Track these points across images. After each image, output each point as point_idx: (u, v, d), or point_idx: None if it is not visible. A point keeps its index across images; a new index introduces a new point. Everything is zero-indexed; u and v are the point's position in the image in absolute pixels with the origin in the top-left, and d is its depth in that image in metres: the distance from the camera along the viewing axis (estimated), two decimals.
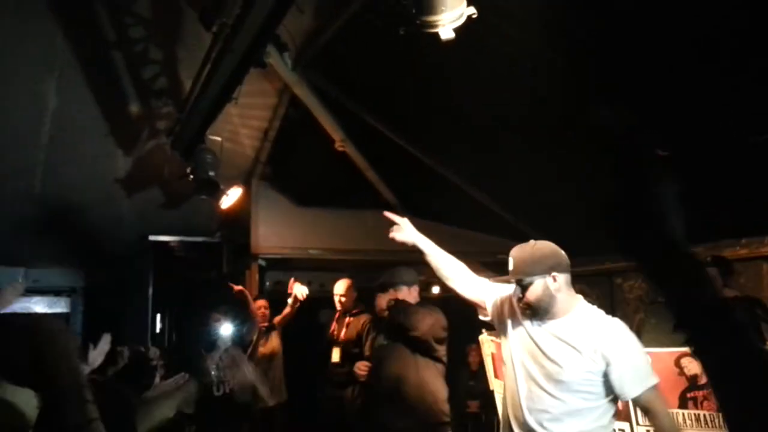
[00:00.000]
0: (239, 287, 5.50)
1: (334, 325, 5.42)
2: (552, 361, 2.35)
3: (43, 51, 4.69)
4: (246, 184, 6.29)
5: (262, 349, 5.44)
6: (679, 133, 4.11)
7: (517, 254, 2.46)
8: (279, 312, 5.72)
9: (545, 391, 2.35)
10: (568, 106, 4.24)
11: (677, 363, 3.09)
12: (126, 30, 4.67)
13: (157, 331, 6.76)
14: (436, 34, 2.46)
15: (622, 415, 3.09)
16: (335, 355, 5.26)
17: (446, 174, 6.01)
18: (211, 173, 4.96)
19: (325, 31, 4.60)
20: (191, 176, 5.14)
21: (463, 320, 3.75)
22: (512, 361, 2.50)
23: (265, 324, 5.53)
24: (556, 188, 5.46)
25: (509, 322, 2.57)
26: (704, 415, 2.98)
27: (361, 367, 4.04)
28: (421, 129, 5.67)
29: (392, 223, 2.87)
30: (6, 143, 5.26)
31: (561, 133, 4.62)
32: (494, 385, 4.62)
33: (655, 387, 2.31)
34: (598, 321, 2.42)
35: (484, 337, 4.81)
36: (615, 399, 2.38)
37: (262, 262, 6.68)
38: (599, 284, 6.10)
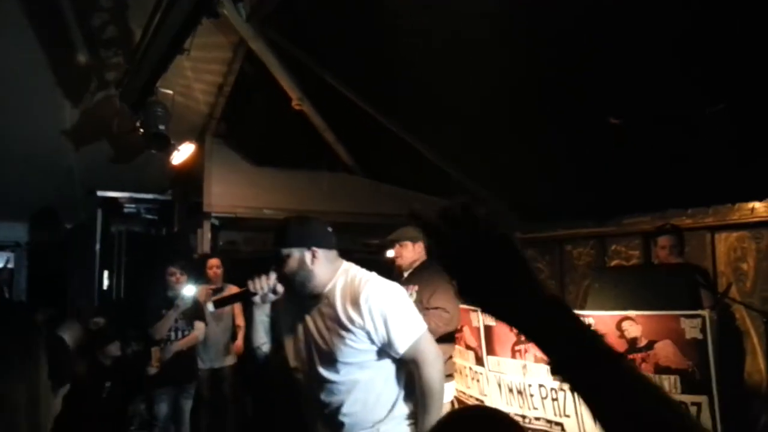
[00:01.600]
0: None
1: None
2: (323, 340, 2.29)
3: None
4: (199, 140, 6.14)
5: None
6: (631, 103, 4.17)
7: (282, 227, 2.39)
8: (231, 272, 5.65)
9: (325, 370, 2.28)
10: (530, 72, 4.23)
11: (618, 326, 3.18)
12: None
13: (104, 288, 6.62)
14: None
15: None
16: None
17: (405, 137, 5.97)
18: (161, 127, 4.80)
19: None
20: (141, 130, 4.98)
21: None
22: (297, 356, 2.43)
23: (218, 285, 5.45)
24: (515, 155, 5.48)
25: (287, 323, 2.49)
26: None
27: None
28: (381, 91, 5.59)
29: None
30: None
31: (521, 99, 4.62)
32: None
33: (422, 337, 2.25)
34: (353, 286, 2.30)
35: None
36: (396, 360, 2.29)
37: (215, 221, 6.57)
38: (549, 251, 6.21)
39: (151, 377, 4.74)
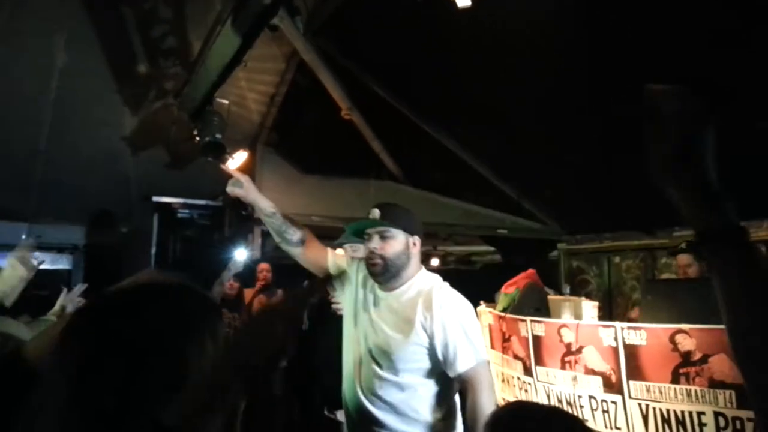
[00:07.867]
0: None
1: None
2: (384, 335, 2.22)
3: (52, 7, 4.66)
4: (251, 148, 6.29)
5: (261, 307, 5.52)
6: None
7: (385, 206, 2.32)
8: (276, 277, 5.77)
9: (378, 365, 2.21)
10: (579, 88, 4.24)
11: (672, 339, 3.15)
12: None
13: None
14: (453, 2, 2.46)
15: (614, 387, 3.17)
16: None
17: (451, 147, 6.02)
18: (218, 135, 4.96)
19: None
20: (197, 138, 5.14)
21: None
22: (350, 334, 2.38)
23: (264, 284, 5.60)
24: (561, 167, 5.48)
25: (352, 294, 2.44)
26: (695, 391, 3.04)
27: None
28: (428, 101, 5.67)
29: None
30: (13, 99, 5.26)
31: (570, 114, 4.63)
32: (489, 355, 4.70)
33: (482, 362, 2.17)
34: (429, 290, 2.24)
35: (482, 309, 4.88)
36: (443, 380, 2.20)
37: (265, 228, 6.69)
38: (597, 262, 6.16)
39: None
